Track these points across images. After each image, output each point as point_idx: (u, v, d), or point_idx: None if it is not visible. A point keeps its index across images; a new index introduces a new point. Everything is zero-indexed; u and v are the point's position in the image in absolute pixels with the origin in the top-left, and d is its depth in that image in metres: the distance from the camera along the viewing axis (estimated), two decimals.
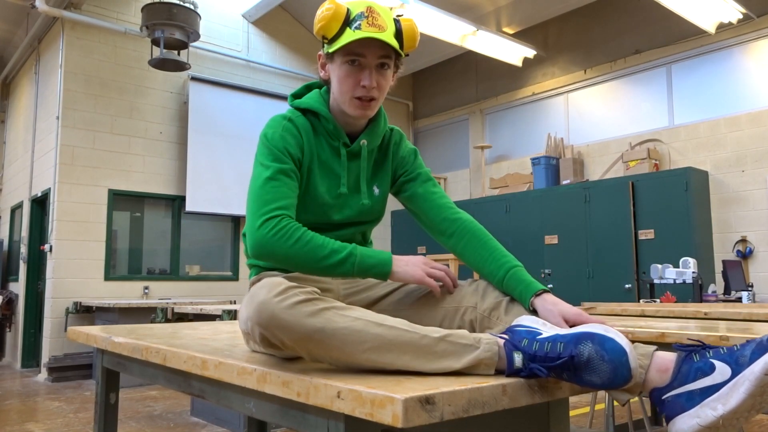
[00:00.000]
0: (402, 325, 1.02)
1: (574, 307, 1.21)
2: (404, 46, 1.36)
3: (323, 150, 1.42)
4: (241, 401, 1.17)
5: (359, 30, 1.28)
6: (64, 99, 6.02)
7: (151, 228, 6.64)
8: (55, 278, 5.83)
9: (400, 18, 1.37)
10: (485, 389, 0.90)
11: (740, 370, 0.93)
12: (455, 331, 1.03)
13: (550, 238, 6.50)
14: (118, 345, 1.56)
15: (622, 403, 1.06)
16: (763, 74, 5.60)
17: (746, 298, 4.34)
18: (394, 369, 0.99)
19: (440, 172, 8.42)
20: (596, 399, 3.42)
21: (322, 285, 1.33)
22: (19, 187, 7.36)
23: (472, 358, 0.99)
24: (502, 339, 1.02)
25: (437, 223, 1.44)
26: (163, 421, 3.94)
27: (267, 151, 1.34)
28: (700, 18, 5.66)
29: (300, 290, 1.03)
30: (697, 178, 5.65)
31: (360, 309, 1.04)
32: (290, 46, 7.73)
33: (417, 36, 1.37)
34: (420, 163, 1.54)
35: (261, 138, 1.38)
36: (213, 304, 5.05)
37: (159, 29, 5.54)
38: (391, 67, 1.37)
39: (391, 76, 1.39)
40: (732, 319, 2.56)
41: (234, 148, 6.88)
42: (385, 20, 1.32)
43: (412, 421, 0.81)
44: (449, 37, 6.54)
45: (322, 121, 1.42)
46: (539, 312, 1.21)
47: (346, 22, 1.31)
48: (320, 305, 1.01)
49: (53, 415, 4.15)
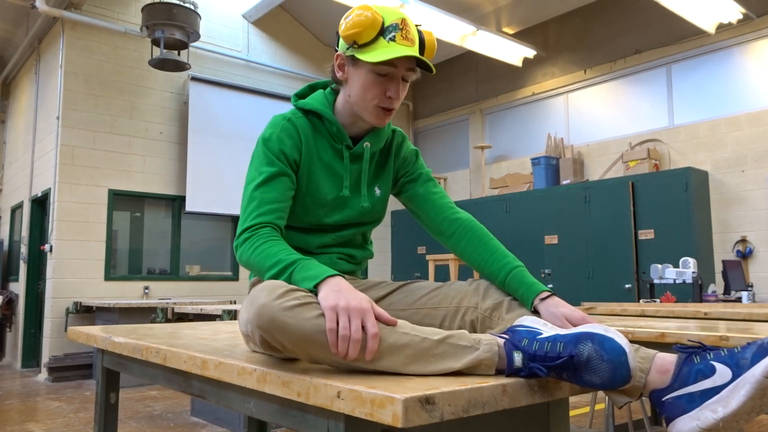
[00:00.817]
0: (401, 327, 1.02)
1: (578, 310, 1.21)
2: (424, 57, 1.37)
3: (325, 151, 1.42)
4: (241, 401, 1.18)
5: (393, 42, 1.28)
6: (64, 99, 6.02)
7: (151, 228, 6.64)
8: (56, 278, 5.83)
9: (421, 29, 1.37)
10: (485, 389, 0.90)
11: (741, 373, 0.93)
12: (455, 332, 1.03)
13: (550, 238, 6.50)
14: (118, 345, 1.56)
15: (619, 406, 1.05)
16: (763, 74, 5.60)
17: (746, 298, 4.34)
18: (394, 371, 0.99)
19: (440, 172, 8.42)
20: (596, 399, 3.42)
21: None
22: (20, 187, 7.36)
23: (472, 358, 0.99)
24: (503, 339, 1.02)
25: (437, 224, 1.45)
26: (163, 421, 3.94)
27: (262, 154, 1.35)
28: (700, 18, 5.66)
29: (300, 293, 1.03)
30: (697, 178, 5.65)
31: None
32: (290, 46, 7.73)
33: (435, 48, 1.38)
34: (421, 164, 1.55)
35: (258, 140, 1.39)
36: (213, 304, 5.05)
37: (159, 29, 5.54)
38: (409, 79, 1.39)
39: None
40: (732, 319, 2.56)
41: (234, 148, 6.88)
42: (414, 33, 1.32)
43: (412, 421, 0.81)
44: (449, 37, 6.54)
45: (326, 123, 1.41)
46: (542, 315, 1.21)
47: (381, 31, 1.29)
48: (320, 308, 1.01)
49: (53, 415, 4.15)
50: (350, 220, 1.45)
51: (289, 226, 1.40)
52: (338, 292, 1.02)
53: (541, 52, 7.25)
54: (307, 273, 1.10)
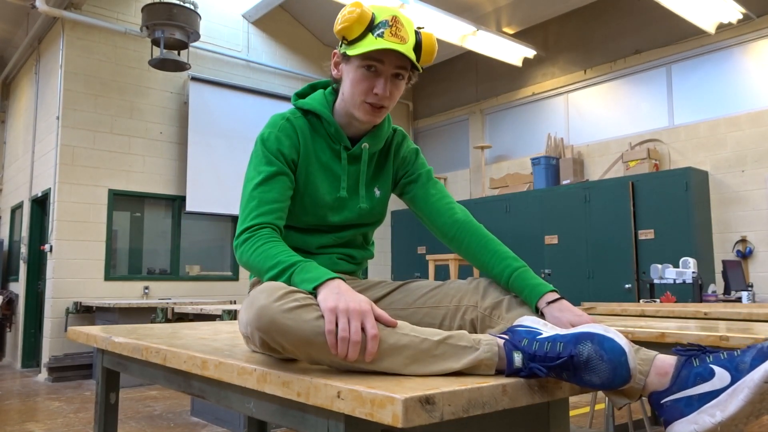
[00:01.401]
0: (401, 328, 1.01)
1: (584, 314, 1.19)
2: (422, 59, 1.35)
3: (323, 152, 1.41)
4: (241, 401, 1.17)
5: (381, 38, 1.27)
6: (64, 99, 6.02)
7: (151, 228, 6.64)
8: (56, 278, 5.83)
9: (421, 30, 1.36)
10: (485, 389, 0.90)
11: (740, 377, 0.93)
12: (455, 332, 1.03)
13: (550, 238, 6.50)
14: (118, 345, 1.56)
15: (618, 407, 1.05)
16: (763, 74, 5.60)
17: (746, 298, 4.34)
18: (394, 372, 0.99)
19: (440, 172, 8.42)
20: (596, 399, 3.42)
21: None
22: (20, 187, 7.36)
23: (472, 359, 0.99)
24: (502, 339, 1.02)
25: (438, 227, 1.45)
26: (163, 421, 3.94)
27: (261, 153, 1.35)
28: (700, 18, 5.66)
29: (300, 294, 1.02)
30: (697, 178, 5.65)
31: None
32: (290, 46, 7.73)
33: (435, 50, 1.36)
34: (421, 163, 1.53)
35: (257, 139, 1.39)
36: (213, 304, 5.05)
37: (159, 29, 5.54)
38: (405, 79, 1.36)
39: (403, 87, 1.38)
40: (732, 319, 2.56)
41: (234, 148, 6.88)
42: (408, 32, 1.31)
43: (412, 421, 0.81)
44: (449, 37, 6.54)
45: (324, 123, 1.41)
46: (547, 319, 1.19)
47: (370, 27, 1.29)
48: (320, 310, 1.01)
49: (53, 415, 4.15)
50: (349, 221, 1.44)
51: (288, 226, 1.39)
52: (338, 294, 1.02)
53: (541, 52, 7.25)
54: (307, 275, 1.10)
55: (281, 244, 1.22)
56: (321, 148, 1.41)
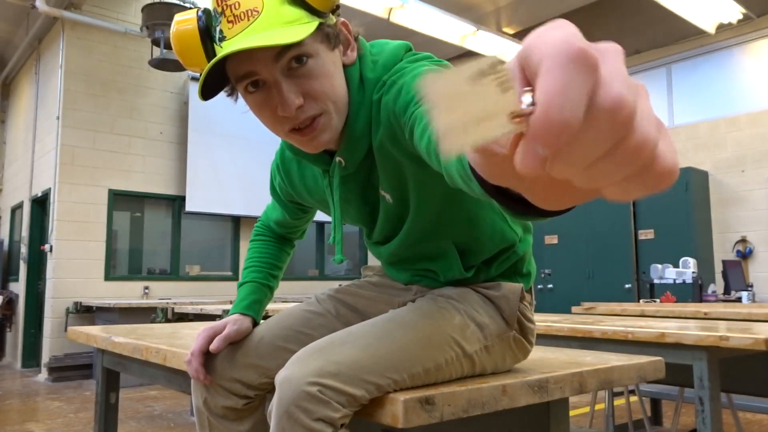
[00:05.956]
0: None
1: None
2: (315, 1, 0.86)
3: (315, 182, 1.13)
4: None
5: (223, 40, 0.86)
6: (64, 99, 6.02)
7: (151, 228, 6.64)
8: (56, 278, 5.83)
9: None
10: (485, 389, 0.90)
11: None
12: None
13: (550, 238, 6.49)
14: (118, 345, 1.56)
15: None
16: (763, 74, 5.60)
17: (746, 298, 4.35)
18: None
19: None
20: (596, 399, 3.42)
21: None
22: (20, 187, 7.36)
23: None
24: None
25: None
26: (163, 421, 3.94)
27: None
28: (700, 18, 5.66)
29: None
30: (697, 178, 5.65)
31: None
32: None
33: None
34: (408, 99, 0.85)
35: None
36: (213, 304, 5.04)
37: (159, 29, 5.54)
38: (315, 54, 0.88)
39: (328, 61, 0.90)
40: (732, 319, 2.57)
41: (234, 148, 6.88)
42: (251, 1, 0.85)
43: (411, 421, 0.81)
44: (449, 37, 6.54)
45: (295, 151, 1.07)
46: None
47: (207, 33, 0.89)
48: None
49: (53, 415, 4.15)
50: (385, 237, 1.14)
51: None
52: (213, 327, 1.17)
53: None
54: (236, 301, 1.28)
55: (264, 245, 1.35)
56: (311, 177, 1.13)
